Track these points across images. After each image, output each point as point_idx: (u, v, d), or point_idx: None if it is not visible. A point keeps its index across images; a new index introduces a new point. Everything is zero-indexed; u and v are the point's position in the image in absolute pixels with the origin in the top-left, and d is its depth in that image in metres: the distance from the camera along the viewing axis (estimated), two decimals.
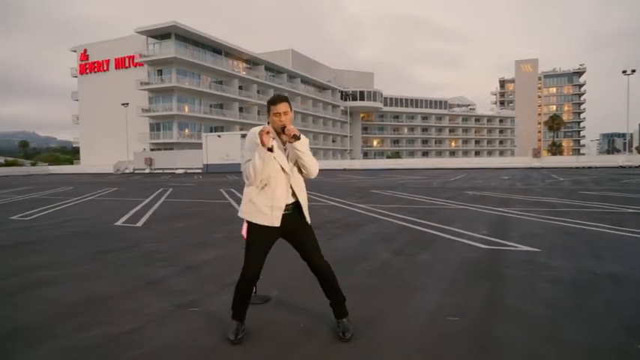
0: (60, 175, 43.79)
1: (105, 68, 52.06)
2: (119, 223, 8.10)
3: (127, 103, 45.85)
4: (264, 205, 2.60)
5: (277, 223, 2.62)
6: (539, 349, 2.50)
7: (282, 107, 2.55)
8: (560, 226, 6.67)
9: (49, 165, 62.22)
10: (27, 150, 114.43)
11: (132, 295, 3.69)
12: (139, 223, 7.97)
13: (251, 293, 2.79)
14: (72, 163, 63.05)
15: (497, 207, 9.20)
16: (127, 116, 46.48)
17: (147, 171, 43.08)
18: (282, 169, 2.59)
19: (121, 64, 50.67)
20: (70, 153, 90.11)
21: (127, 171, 45.15)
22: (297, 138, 2.49)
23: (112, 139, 49.95)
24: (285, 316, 3.13)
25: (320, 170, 2.84)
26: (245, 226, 2.74)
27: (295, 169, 2.65)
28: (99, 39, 54.58)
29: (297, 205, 2.69)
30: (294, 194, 2.66)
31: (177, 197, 13.62)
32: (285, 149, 2.62)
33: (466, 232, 6.23)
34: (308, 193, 2.78)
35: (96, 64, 52.79)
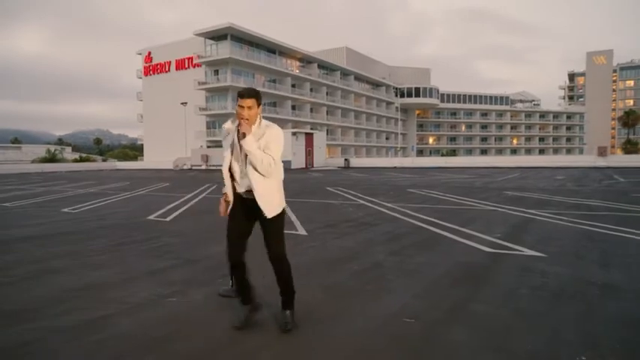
0: (125, 170, 46.82)
1: (166, 69, 54.91)
2: (151, 217, 8.65)
3: (186, 102, 48.09)
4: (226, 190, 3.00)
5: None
6: (476, 356, 2.47)
7: (247, 102, 2.71)
8: (584, 231, 6.30)
9: (118, 161, 66.73)
10: (101, 147, 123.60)
11: (124, 284, 4.01)
12: (169, 218, 8.46)
13: (243, 270, 3.01)
14: (136, 159, 67.20)
15: (529, 209, 8.80)
16: (186, 115, 48.78)
17: (203, 167, 45.00)
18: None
19: (181, 65, 53.21)
20: (137, 150, 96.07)
21: (184, 167, 47.41)
22: (243, 136, 2.71)
23: (172, 137, 52.66)
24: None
25: (366, 168, 3.04)
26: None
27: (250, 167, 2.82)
28: (162, 42, 57.53)
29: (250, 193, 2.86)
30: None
31: (218, 193, 14.21)
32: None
33: (478, 235, 6.07)
34: (339, 190, 2.91)
35: (158, 66, 55.80)
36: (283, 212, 2.94)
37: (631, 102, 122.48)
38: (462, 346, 2.60)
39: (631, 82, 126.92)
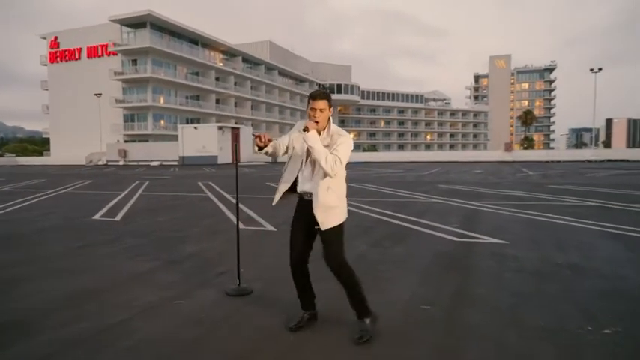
0: (29, 167, 42.53)
1: (77, 57, 50.64)
2: (97, 217, 8.09)
3: (100, 94, 44.82)
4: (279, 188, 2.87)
5: (273, 203, 2.85)
6: (502, 332, 2.76)
7: (320, 104, 2.63)
8: (526, 219, 7.04)
9: (17, 156, 60.29)
10: None
11: (118, 288, 3.79)
12: (118, 217, 7.98)
13: (303, 279, 2.90)
14: (42, 155, 61.26)
15: (468, 200, 9.56)
16: (101, 107, 45.44)
17: (121, 163, 42.27)
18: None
19: (93, 53, 49.39)
20: (39, 144, 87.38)
21: (99, 163, 44.20)
22: (305, 130, 2.58)
23: (84, 130, 48.74)
24: (267, 307, 3.30)
25: None
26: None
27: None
28: (70, 26, 52.87)
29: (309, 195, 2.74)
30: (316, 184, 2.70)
31: (154, 190, 13.55)
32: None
33: (439, 226, 6.51)
34: (273, 185, 2.88)
35: (67, 53, 51.28)
36: (343, 222, 2.78)
37: (526, 102, 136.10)
38: (485, 325, 2.87)
39: (526, 85, 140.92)
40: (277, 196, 2.82)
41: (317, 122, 2.62)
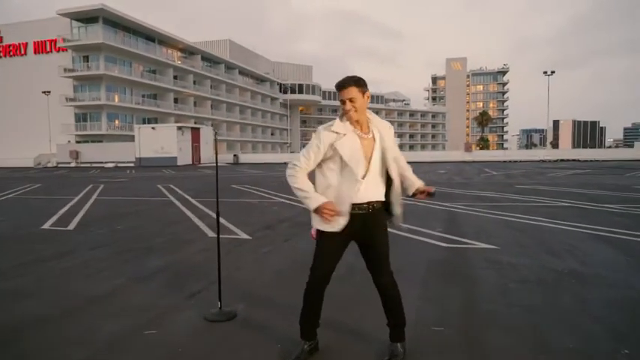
0: None
1: (22, 52, 47.50)
2: (47, 226, 7.28)
3: (49, 92, 42.27)
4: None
5: (338, 229, 2.23)
6: (528, 357, 2.43)
7: (347, 93, 2.19)
8: (506, 222, 6.88)
9: None
10: None
11: (73, 315, 3.21)
12: (71, 226, 7.20)
13: (320, 302, 2.41)
14: None
15: (442, 202, 9.38)
16: (50, 106, 42.84)
17: (72, 165, 40.04)
18: (354, 171, 2.22)
19: (41, 48, 46.47)
20: None
21: (49, 165, 41.70)
22: (431, 195, 2.36)
23: (32, 131, 45.75)
24: (255, 337, 2.83)
25: (257, 164, 2.52)
26: (314, 227, 2.36)
27: (389, 159, 2.31)
28: (14, 20, 49.60)
29: (378, 204, 2.32)
30: (376, 191, 2.31)
31: (110, 195, 12.63)
32: (370, 137, 2.29)
33: (423, 230, 6.22)
34: (247, 188, 2.41)
35: (11, 47, 48.00)
36: None
37: (481, 104, 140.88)
38: (511, 349, 2.54)
39: (480, 87, 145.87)
40: (342, 221, 2.23)
41: (349, 114, 2.22)
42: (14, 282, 4.10)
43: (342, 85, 2.21)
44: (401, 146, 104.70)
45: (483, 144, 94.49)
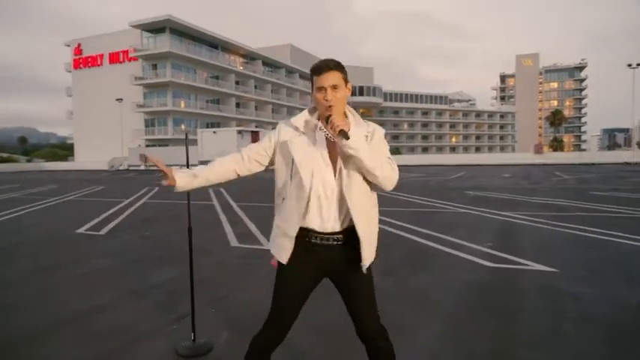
0: (53, 172, 42.87)
1: (99, 63, 51.06)
2: (82, 230, 7.27)
3: (121, 99, 44.94)
4: (279, 231, 1.71)
5: (284, 259, 1.69)
6: None
7: (330, 78, 1.63)
8: (574, 236, 5.85)
9: (46, 161, 61.41)
10: (26, 146, 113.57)
11: (44, 337, 2.87)
12: (103, 231, 7.13)
13: (269, 356, 1.84)
14: (67, 160, 62.16)
15: (501, 210, 8.37)
16: (122, 112, 45.58)
17: (142, 167, 42.20)
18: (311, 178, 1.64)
19: (115, 58, 49.67)
20: (68, 149, 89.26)
21: (121, 168, 44.28)
22: (344, 135, 1.55)
23: (106, 135, 49.01)
24: None
25: None
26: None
27: (353, 180, 1.65)
28: (93, 33, 53.57)
29: (353, 234, 1.66)
30: (348, 217, 1.66)
31: (159, 198, 12.79)
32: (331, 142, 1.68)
33: (468, 245, 5.41)
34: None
35: (90, 59, 51.77)
36: None
37: (555, 102, 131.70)
38: None
39: (555, 84, 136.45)
40: (288, 250, 1.67)
41: (330, 106, 1.62)
42: (10, 293, 3.90)
43: (324, 67, 1.63)
44: (466, 148, 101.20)
45: (557, 145, 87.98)
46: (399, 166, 1.69)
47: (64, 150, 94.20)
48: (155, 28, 45.22)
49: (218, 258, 5.10)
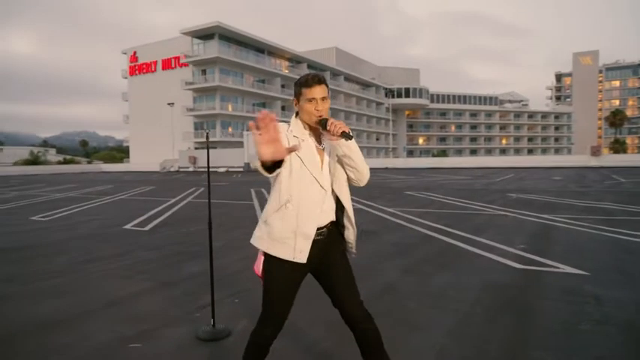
0: (110, 173, 45.51)
1: (152, 69, 53.67)
2: (128, 226, 7.78)
3: (173, 103, 46.96)
4: (284, 229, 1.83)
5: (303, 259, 1.82)
6: None
7: (320, 91, 1.83)
8: (615, 240, 5.60)
9: (103, 163, 65.19)
10: (87, 149, 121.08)
11: (76, 322, 3.17)
12: (148, 227, 7.59)
13: (266, 355, 1.95)
14: (122, 162, 65.68)
15: (541, 213, 8.10)
16: (173, 115, 47.64)
17: (191, 169, 43.90)
18: (317, 180, 1.83)
19: (167, 64, 52.05)
20: (124, 152, 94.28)
21: (172, 169, 46.26)
22: (347, 137, 1.73)
23: (158, 138, 51.45)
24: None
25: None
26: (260, 258, 1.93)
27: (340, 177, 1.89)
28: (148, 41, 56.38)
29: (335, 225, 1.92)
30: (332, 212, 1.90)
31: (204, 197, 13.33)
32: (322, 148, 1.88)
33: (499, 246, 5.32)
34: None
35: (144, 66, 54.54)
36: None
37: (617, 102, 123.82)
38: None
39: (616, 83, 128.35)
40: (304, 251, 1.82)
41: (326, 118, 1.80)
42: (57, 281, 4.28)
43: (314, 81, 1.83)
44: (517, 150, 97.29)
45: (618, 147, 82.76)
46: (445, 168, 1.85)
47: (120, 152, 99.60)
48: (204, 34, 46.95)
49: (246, 254, 5.32)
